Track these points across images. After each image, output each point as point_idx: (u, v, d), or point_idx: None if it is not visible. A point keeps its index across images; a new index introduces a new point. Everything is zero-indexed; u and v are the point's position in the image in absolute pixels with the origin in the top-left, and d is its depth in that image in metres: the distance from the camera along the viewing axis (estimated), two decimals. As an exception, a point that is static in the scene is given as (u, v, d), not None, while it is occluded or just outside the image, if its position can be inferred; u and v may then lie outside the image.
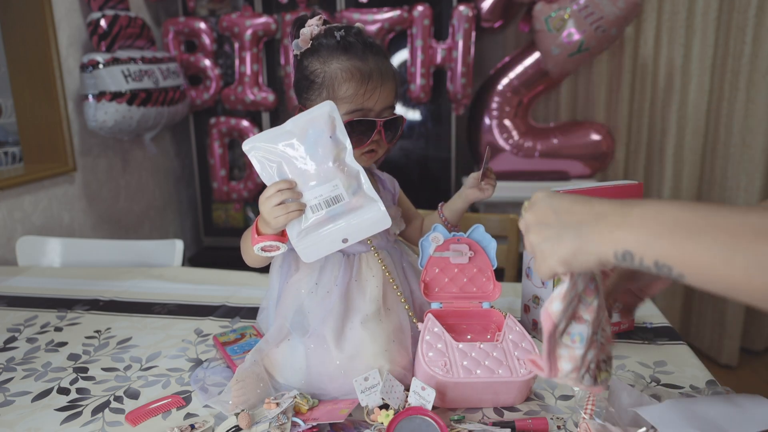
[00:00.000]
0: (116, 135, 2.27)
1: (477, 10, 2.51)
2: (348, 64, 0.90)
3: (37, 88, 2.11)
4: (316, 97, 0.92)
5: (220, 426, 0.78)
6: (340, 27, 0.93)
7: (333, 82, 0.90)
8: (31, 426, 0.81)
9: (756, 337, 2.76)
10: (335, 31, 0.92)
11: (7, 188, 1.91)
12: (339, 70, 0.90)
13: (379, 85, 0.90)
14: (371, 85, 0.90)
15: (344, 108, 0.90)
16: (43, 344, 1.08)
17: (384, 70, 0.92)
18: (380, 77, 0.90)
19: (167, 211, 2.96)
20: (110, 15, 2.20)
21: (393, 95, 0.94)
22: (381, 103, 0.91)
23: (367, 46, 0.92)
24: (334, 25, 0.94)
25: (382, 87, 0.91)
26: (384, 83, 0.91)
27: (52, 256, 1.68)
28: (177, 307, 1.24)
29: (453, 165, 2.72)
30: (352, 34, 0.92)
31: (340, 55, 0.90)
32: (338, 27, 0.93)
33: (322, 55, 0.92)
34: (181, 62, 2.66)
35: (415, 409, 0.76)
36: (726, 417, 0.69)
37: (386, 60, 0.94)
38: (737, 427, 0.67)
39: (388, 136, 0.94)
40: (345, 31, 0.92)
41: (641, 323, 1.09)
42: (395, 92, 0.94)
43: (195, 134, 2.87)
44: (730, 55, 2.57)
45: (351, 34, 0.92)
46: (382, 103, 0.92)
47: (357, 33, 0.93)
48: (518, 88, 2.53)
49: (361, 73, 0.89)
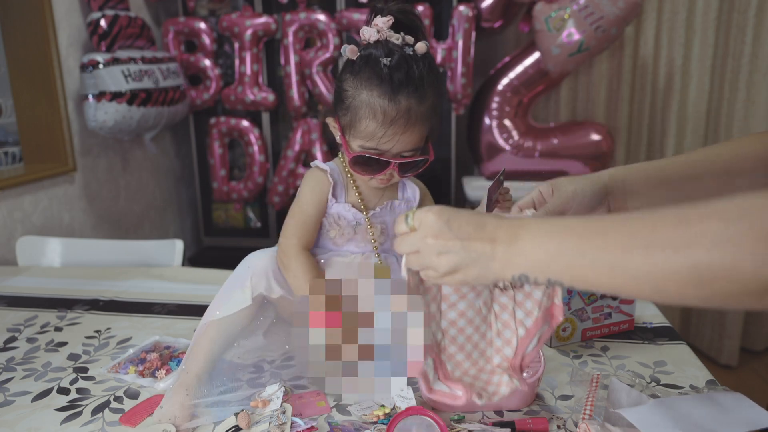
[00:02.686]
0: (116, 135, 2.27)
1: (477, 10, 2.51)
2: (377, 101, 0.83)
3: (37, 88, 2.11)
4: (342, 115, 0.88)
5: (220, 426, 0.78)
6: (393, 51, 0.83)
7: (357, 112, 0.85)
8: (31, 426, 0.81)
9: (756, 337, 2.76)
10: (385, 57, 0.83)
11: (7, 188, 1.91)
12: (364, 104, 0.84)
13: (402, 131, 0.84)
14: (392, 131, 0.84)
15: (359, 141, 0.87)
16: (43, 344, 1.08)
17: (415, 114, 0.84)
18: (405, 123, 0.84)
19: (167, 211, 2.96)
20: (110, 15, 2.19)
21: (418, 138, 0.87)
22: (399, 147, 0.86)
23: (408, 83, 0.83)
24: (392, 43, 0.84)
25: (404, 133, 0.84)
26: (409, 129, 0.84)
27: (52, 256, 1.68)
28: (177, 307, 1.24)
29: (453, 165, 2.72)
30: (401, 65, 0.83)
31: (373, 87, 0.83)
32: (391, 50, 0.83)
33: (358, 77, 0.85)
34: (181, 62, 2.66)
35: (415, 409, 0.76)
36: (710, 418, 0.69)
37: (425, 100, 0.85)
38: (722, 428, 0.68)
39: (404, 171, 0.89)
40: (395, 60, 0.83)
41: (641, 323, 1.09)
42: (423, 135, 0.87)
43: (195, 134, 2.87)
44: (730, 55, 2.57)
45: (400, 64, 0.83)
46: (401, 147, 0.86)
47: (407, 62, 0.83)
48: (518, 88, 2.53)
49: (385, 115, 0.83)
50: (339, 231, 0.95)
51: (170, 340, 1.06)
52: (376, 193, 0.97)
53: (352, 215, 0.94)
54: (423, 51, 0.85)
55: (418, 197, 1.01)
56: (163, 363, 0.95)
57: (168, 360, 0.97)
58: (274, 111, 2.81)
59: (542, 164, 2.54)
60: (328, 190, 0.93)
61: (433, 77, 0.86)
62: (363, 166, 0.88)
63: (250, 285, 0.90)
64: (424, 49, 0.85)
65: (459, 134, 2.72)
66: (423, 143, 0.89)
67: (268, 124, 2.81)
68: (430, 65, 0.86)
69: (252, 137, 2.77)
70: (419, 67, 0.84)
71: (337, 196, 0.94)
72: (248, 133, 2.77)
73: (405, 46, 0.84)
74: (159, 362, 0.95)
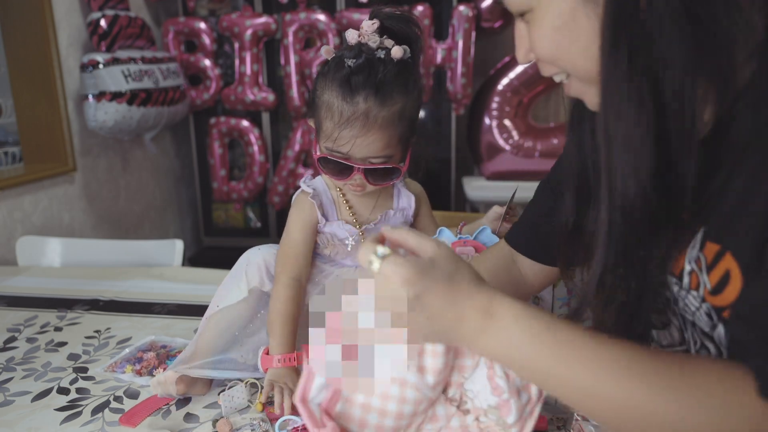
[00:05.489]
0: (116, 135, 2.27)
1: (477, 10, 2.51)
2: (335, 101, 0.82)
3: (37, 88, 2.11)
4: (311, 115, 0.89)
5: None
6: (362, 53, 0.82)
7: (319, 112, 0.84)
8: (31, 426, 0.81)
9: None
10: (352, 58, 0.82)
11: (7, 188, 1.91)
12: (325, 104, 0.83)
13: (359, 134, 0.81)
14: (348, 132, 0.81)
15: (324, 142, 0.85)
16: (43, 344, 1.08)
17: (375, 117, 0.81)
18: (363, 126, 0.81)
19: (167, 211, 2.96)
20: (110, 15, 2.19)
21: (382, 144, 0.83)
22: (362, 152, 0.83)
23: (368, 86, 0.80)
24: (366, 46, 0.83)
25: (363, 137, 0.81)
26: (368, 132, 0.81)
27: (52, 256, 1.68)
28: (177, 307, 1.24)
29: (453, 165, 2.73)
30: (363, 67, 0.81)
31: (335, 87, 0.82)
32: (360, 52, 0.82)
33: (326, 78, 0.84)
34: (181, 62, 2.66)
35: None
36: None
37: (388, 105, 0.81)
38: None
39: (373, 179, 0.86)
40: (359, 62, 0.81)
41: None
42: (389, 142, 0.83)
43: (195, 134, 2.87)
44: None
45: (363, 66, 0.81)
46: (364, 152, 0.83)
47: (372, 64, 0.81)
48: (518, 88, 2.53)
49: (341, 115, 0.81)
50: (334, 249, 0.94)
51: (166, 340, 1.06)
52: (368, 205, 0.94)
53: (347, 232, 0.92)
54: (398, 56, 0.82)
55: (413, 205, 0.98)
56: (160, 362, 0.95)
57: (165, 359, 0.97)
58: (274, 111, 2.81)
59: (542, 164, 2.54)
60: (315, 212, 0.91)
61: (402, 82, 0.83)
62: (329, 169, 0.87)
63: (245, 278, 0.90)
64: (398, 53, 0.82)
65: (459, 134, 2.72)
66: (395, 151, 0.85)
67: (268, 124, 2.81)
68: (402, 71, 0.83)
69: (252, 137, 2.78)
70: (386, 70, 0.81)
71: (328, 215, 0.93)
72: (248, 133, 2.77)
73: (379, 50, 0.82)
74: (156, 361, 0.95)
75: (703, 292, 0.51)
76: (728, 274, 0.48)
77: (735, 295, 0.48)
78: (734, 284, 0.48)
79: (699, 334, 0.54)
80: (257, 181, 2.83)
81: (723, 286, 0.49)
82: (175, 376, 0.83)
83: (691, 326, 0.55)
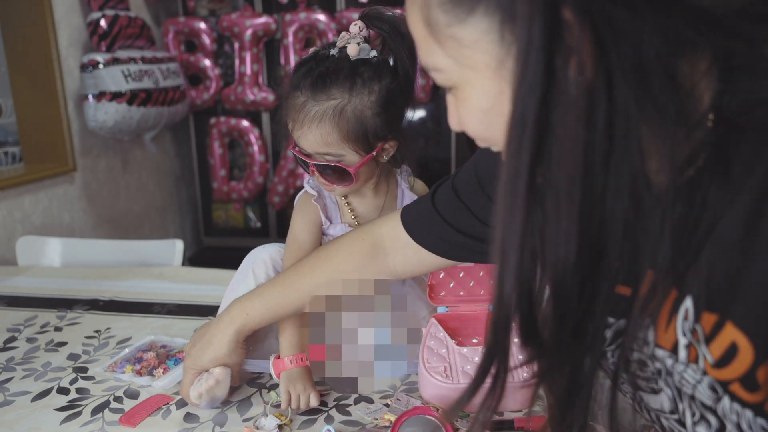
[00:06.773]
0: (116, 135, 2.27)
1: (477, 10, 2.51)
2: (291, 91, 0.83)
3: (37, 88, 2.11)
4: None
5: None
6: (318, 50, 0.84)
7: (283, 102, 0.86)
8: (30, 426, 0.81)
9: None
10: (324, 50, 0.83)
11: (7, 188, 1.91)
12: (284, 93, 0.85)
13: (300, 126, 0.82)
14: (291, 124, 0.84)
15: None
16: (42, 344, 1.08)
17: (315, 112, 0.80)
18: (303, 119, 0.81)
19: (167, 211, 2.96)
20: (110, 15, 2.19)
21: (319, 139, 0.82)
22: (307, 146, 0.83)
23: (307, 80, 0.81)
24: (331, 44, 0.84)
25: (303, 128, 0.82)
26: (307, 125, 0.81)
27: (52, 256, 1.68)
28: (177, 307, 1.24)
29: (453, 165, 2.73)
30: (308, 61, 0.83)
31: (296, 78, 0.83)
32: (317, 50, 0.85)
33: (295, 70, 0.85)
34: (181, 62, 2.66)
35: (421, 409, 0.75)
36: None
37: (325, 100, 0.80)
38: None
39: (324, 175, 0.86)
40: (307, 57, 0.84)
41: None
42: (329, 138, 0.82)
43: (195, 134, 2.87)
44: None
45: (308, 60, 0.83)
46: (306, 145, 0.83)
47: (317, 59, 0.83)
48: (518, 88, 2.53)
49: (288, 105, 0.83)
50: None
51: (166, 340, 1.06)
52: (370, 208, 0.94)
53: None
54: (353, 54, 0.81)
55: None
56: (160, 362, 0.95)
57: (165, 359, 0.96)
58: (274, 111, 2.81)
59: (542, 164, 2.54)
60: (318, 213, 0.92)
61: (348, 80, 0.80)
62: (298, 163, 0.90)
63: (252, 275, 0.92)
64: (353, 51, 0.81)
65: (459, 134, 2.71)
66: (343, 151, 0.83)
67: (268, 124, 2.81)
68: (354, 69, 0.81)
69: (252, 137, 2.78)
70: (330, 66, 0.81)
71: (331, 217, 0.93)
72: (248, 133, 2.77)
73: (335, 47, 0.83)
74: (156, 361, 0.95)
75: (704, 365, 0.48)
76: (734, 345, 0.44)
77: (746, 367, 0.44)
78: (744, 356, 0.44)
79: (698, 406, 0.50)
80: (257, 181, 2.82)
81: (729, 359, 0.45)
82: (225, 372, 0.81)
83: (689, 398, 0.52)
